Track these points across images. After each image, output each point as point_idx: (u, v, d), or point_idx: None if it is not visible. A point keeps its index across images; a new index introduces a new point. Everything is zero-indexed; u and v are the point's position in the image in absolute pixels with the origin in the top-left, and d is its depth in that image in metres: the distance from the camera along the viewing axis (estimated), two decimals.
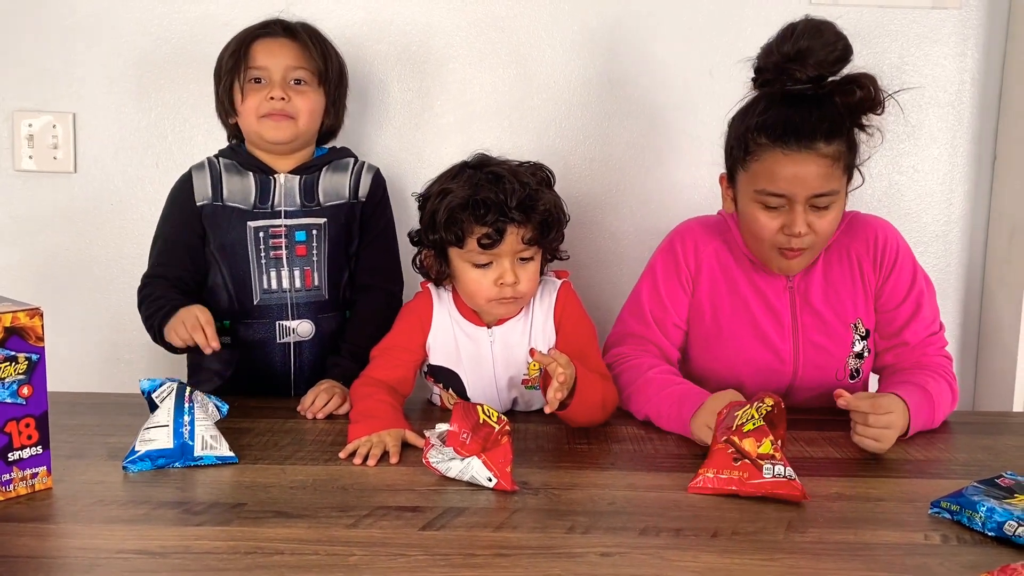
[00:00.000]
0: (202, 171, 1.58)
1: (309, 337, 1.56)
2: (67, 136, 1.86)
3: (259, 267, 1.54)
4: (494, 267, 1.34)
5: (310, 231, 1.56)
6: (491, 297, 1.36)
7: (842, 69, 1.31)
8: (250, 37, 1.55)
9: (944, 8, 1.85)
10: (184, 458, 1.16)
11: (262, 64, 1.53)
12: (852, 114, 1.32)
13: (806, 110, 1.30)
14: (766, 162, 1.31)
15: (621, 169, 1.90)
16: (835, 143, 1.30)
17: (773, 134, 1.30)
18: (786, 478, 1.05)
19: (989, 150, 1.90)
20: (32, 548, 0.93)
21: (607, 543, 0.94)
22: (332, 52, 1.61)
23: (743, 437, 1.08)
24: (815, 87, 1.31)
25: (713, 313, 1.47)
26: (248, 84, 1.53)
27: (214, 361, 1.56)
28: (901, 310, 1.45)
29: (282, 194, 1.56)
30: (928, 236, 1.92)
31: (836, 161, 1.30)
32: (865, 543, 0.96)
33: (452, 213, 1.31)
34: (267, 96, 1.51)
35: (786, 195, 1.31)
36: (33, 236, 1.90)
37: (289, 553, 0.91)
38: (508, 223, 1.31)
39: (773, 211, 1.33)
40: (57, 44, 1.85)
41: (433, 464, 1.13)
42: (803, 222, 1.31)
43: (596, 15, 1.85)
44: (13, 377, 1.03)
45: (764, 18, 1.81)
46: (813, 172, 1.29)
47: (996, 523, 0.96)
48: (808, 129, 1.28)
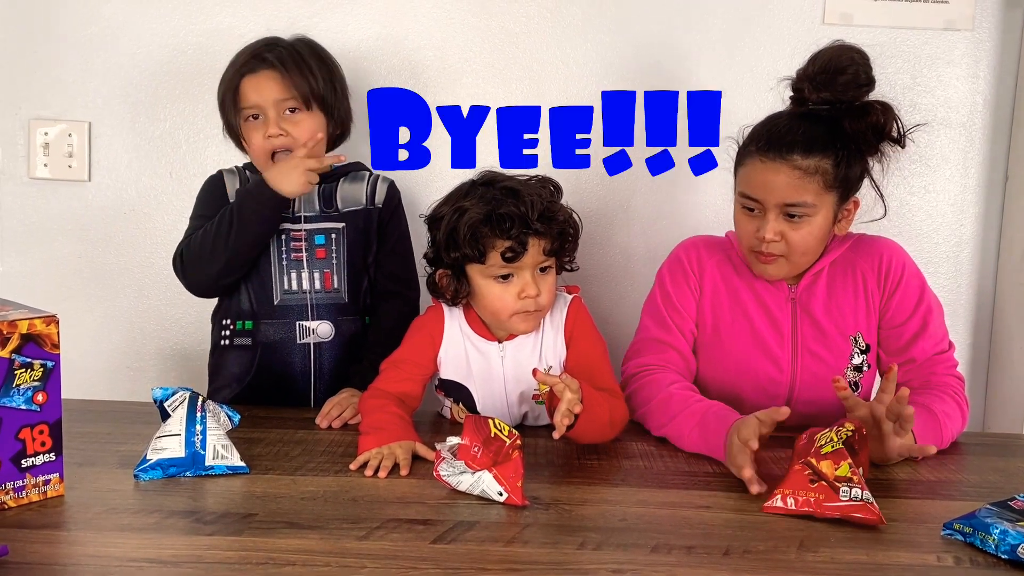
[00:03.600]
0: (233, 176, 1.63)
1: (329, 339, 1.59)
2: (82, 145, 1.88)
3: (280, 268, 1.58)
4: (516, 280, 1.35)
5: (329, 235, 1.60)
6: (515, 311, 1.36)
7: (863, 95, 1.37)
8: (237, 76, 1.56)
9: (956, 30, 1.85)
10: (195, 467, 1.16)
11: (253, 102, 1.55)
12: (859, 139, 1.36)
13: (797, 125, 1.37)
14: (747, 167, 1.40)
15: (632, 186, 1.90)
16: (814, 158, 1.34)
17: (757, 142, 1.39)
18: (863, 501, 1.05)
19: (1001, 171, 1.90)
20: (44, 555, 0.93)
21: (619, 559, 0.94)
22: (317, 68, 1.58)
23: (820, 459, 1.08)
24: (831, 109, 1.37)
25: (714, 321, 1.50)
26: (246, 123, 1.56)
27: (235, 364, 1.59)
28: (908, 326, 1.45)
29: (301, 200, 1.60)
30: (939, 257, 1.92)
31: (811, 175, 1.35)
32: (877, 564, 0.96)
33: (474, 229, 1.31)
34: (266, 135, 1.54)
35: (759, 200, 1.38)
36: (47, 244, 1.91)
37: (300, 564, 0.91)
38: (531, 235, 1.32)
39: (751, 215, 1.41)
40: (73, 54, 1.86)
41: (444, 477, 1.13)
42: (772, 229, 1.38)
43: (608, 32, 1.86)
44: (28, 384, 1.03)
45: (778, 36, 1.83)
46: (783, 181, 1.35)
47: (1010, 546, 0.95)
48: (787, 141, 1.35)
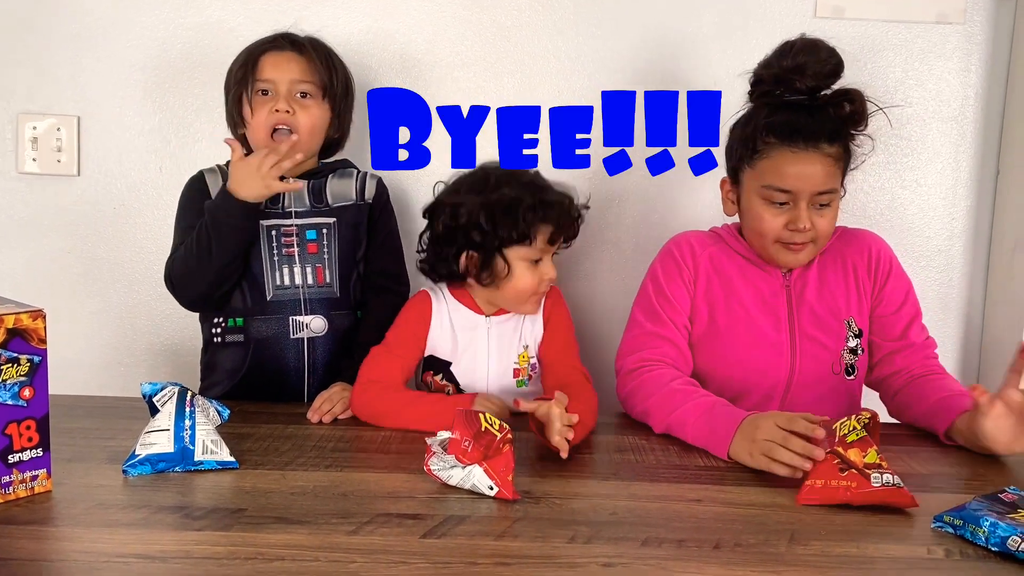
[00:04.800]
0: (213, 174, 1.61)
1: (322, 333, 1.59)
2: (71, 139, 1.86)
3: (271, 263, 1.57)
4: (542, 264, 1.46)
5: (320, 230, 1.60)
6: (534, 291, 1.47)
7: (834, 83, 1.41)
8: (258, 50, 1.58)
9: (948, 23, 1.85)
10: (184, 462, 1.15)
11: (269, 77, 1.56)
12: (843, 126, 1.42)
13: (808, 115, 1.41)
14: (775, 160, 1.40)
15: (632, 186, 1.90)
16: (836, 145, 1.40)
17: (782, 134, 1.40)
18: (895, 485, 1.07)
19: (992, 165, 1.90)
20: (31, 551, 0.92)
21: (609, 553, 0.94)
22: (338, 65, 1.63)
23: (847, 448, 1.10)
24: (810, 99, 1.41)
25: (710, 313, 1.51)
26: (256, 96, 1.56)
27: (228, 361, 1.59)
28: (902, 313, 1.50)
29: (292, 196, 1.60)
30: (931, 250, 1.92)
31: (837, 162, 1.41)
32: (868, 556, 0.96)
33: (526, 213, 1.41)
34: (272, 108, 1.54)
35: (792, 191, 1.40)
36: (36, 239, 1.90)
37: (290, 559, 0.91)
38: (570, 222, 1.47)
39: (778, 207, 1.42)
40: (63, 48, 1.85)
41: (434, 472, 1.12)
42: (807, 218, 1.40)
43: (599, 26, 1.86)
44: (15, 379, 1.02)
45: (769, 30, 1.82)
46: (818, 170, 1.39)
47: (1000, 538, 0.95)
48: (814, 130, 1.39)
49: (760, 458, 1.19)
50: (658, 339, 1.49)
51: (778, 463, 1.16)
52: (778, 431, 1.18)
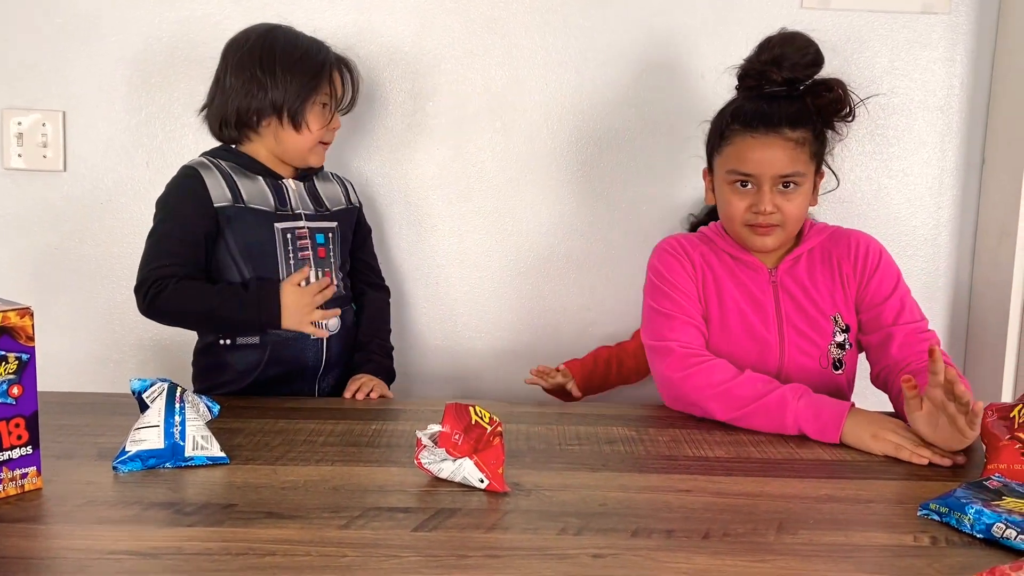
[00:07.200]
0: (210, 171, 1.56)
1: (337, 330, 1.64)
2: (57, 134, 1.85)
3: (288, 268, 1.58)
4: None
5: (327, 234, 1.64)
6: None
7: (815, 74, 1.44)
8: (333, 66, 1.61)
9: (933, 13, 1.86)
10: (175, 458, 1.15)
11: (336, 94, 1.62)
12: (822, 115, 1.45)
13: (775, 103, 1.44)
14: (737, 145, 1.44)
15: (612, 171, 1.90)
16: (800, 130, 1.42)
17: (743, 120, 1.44)
18: None
19: (978, 154, 1.91)
20: (21, 549, 0.92)
21: (599, 544, 0.95)
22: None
23: None
24: (789, 89, 1.44)
25: (705, 309, 1.51)
26: (313, 107, 1.58)
27: (240, 361, 1.58)
28: (890, 303, 1.49)
29: (296, 199, 1.62)
30: (917, 240, 1.94)
31: (800, 146, 1.43)
32: (855, 545, 0.96)
33: None
34: (331, 126, 1.62)
35: (754, 174, 1.43)
36: (22, 235, 1.89)
37: (281, 554, 0.91)
38: None
39: (743, 191, 1.45)
40: (48, 42, 1.84)
41: (425, 465, 1.13)
42: (769, 201, 1.43)
43: (588, 18, 1.86)
44: (3, 377, 1.02)
45: (756, 22, 1.82)
46: (779, 154, 1.42)
47: (985, 525, 0.96)
48: (775, 116, 1.42)
49: (887, 439, 1.27)
50: (684, 321, 1.48)
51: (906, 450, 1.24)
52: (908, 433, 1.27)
